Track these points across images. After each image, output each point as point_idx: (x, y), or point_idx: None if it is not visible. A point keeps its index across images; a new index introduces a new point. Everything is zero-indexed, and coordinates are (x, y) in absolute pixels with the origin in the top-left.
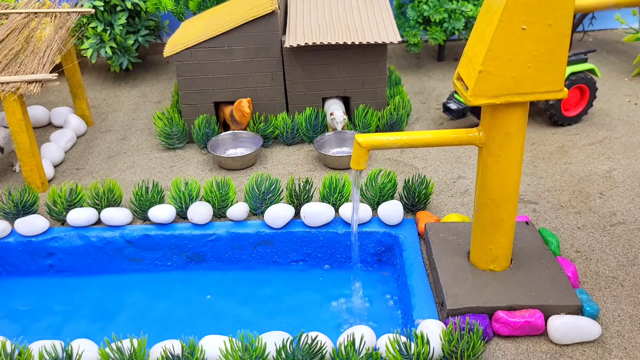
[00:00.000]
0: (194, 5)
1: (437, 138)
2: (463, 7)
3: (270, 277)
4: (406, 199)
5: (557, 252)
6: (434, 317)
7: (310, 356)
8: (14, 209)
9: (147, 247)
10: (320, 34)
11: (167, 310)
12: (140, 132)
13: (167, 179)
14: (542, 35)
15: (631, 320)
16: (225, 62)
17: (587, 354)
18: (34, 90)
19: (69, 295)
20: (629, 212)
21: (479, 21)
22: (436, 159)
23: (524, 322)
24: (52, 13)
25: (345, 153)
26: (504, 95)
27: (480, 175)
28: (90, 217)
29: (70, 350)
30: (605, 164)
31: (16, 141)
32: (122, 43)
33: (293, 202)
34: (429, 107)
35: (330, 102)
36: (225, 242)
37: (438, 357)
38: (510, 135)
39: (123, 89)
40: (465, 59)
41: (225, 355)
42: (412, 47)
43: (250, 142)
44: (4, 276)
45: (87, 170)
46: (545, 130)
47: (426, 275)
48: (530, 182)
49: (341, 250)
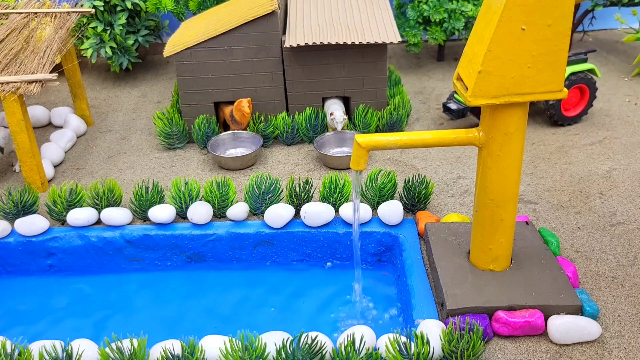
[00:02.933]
0: (194, 5)
1: (436, 138)
2: (463, 7)
3: (270, 277)
4: (406, 199)
5: (557, 252)
6: (434, 317)
7: (310, 356)
8: (14, 209)
9: (147, 247)
10: (320, 34)
11: (167, 310)
12: (140, 132)
13: (167, 179)
14: (541, 35)
15: (631, 320)
16: (225, 62)
17: (587, 354)
18: (34, 90)
19: (68, 295)
20: (629, 212)
21: (479, 21)
22: (436, 159)
23: (524, 322)
24: (52, 13)
25: (345, 153)
26: (503, 95)
27: (480, 175)
28: (90, 217)
29: (70, 350)
30: (605, 164)
31: (16, 141)
32: (122, 43)
33: (293, 202)
34: (429, 107)
35: (330, 102)
36: (225, 242)
37: (438, 357)
38: (510, 136)
39: (123, 89)
40: (465, 59)
41: (225, 355)
42: (412, 47)
43: (250, 142)
44: (4, 276)
45: (87, 170)
46: (545, 130)
47: (426, 275)
48: (530, 182)
49: (341, 250)
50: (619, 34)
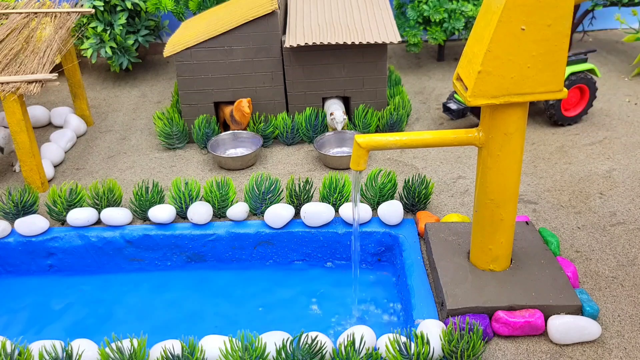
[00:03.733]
0: (194, 5)
1: (436, 138)
2: (463, 7)
3: (270, 277)
4: (406, 199)
5: (557, 252)
6: (434, 317)
7: (310, 356)
8: (14, 209)
9: (147, 247)
10: (320, 34)
11: (167, 310)
12: (140, 132)
13: (167, 179)
14: (541, 35)
15: (631, 320)
16: (225, 62)
17: (587, 354)
18: (34, 90)
19: (69, 295)
20: (629, 212)
21: (478, 21)
22: (436, 159)
23: (524, 322)
24: (52, 13)
25: (345, 153)
26: (503, 95)
27: (480, 175)
28: (90, 217)
29: (70, 350)
30: (605, 164)
31: (16, 141)
32: (122, 43)
33: (293, 202)
34: (429, 107)
35: (330, 102)
36: (225, 242)
37: (438, 357)
38: (509, 136)
39: (123, 89)
40: (464, 59)
41: (225, 355)
42: (412, 47)
43: (250, 142)
44: (3, 276)
45: (87, 170)
46: (545, 130)
47: (426, 275)
48: (530, 182)
49: (341, 250)
50: (619, 34)
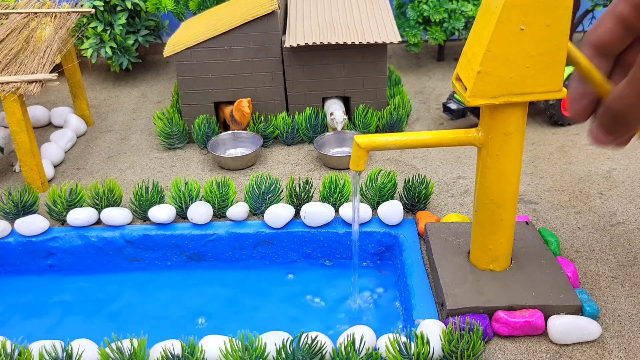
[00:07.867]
0: (194, 5)
1: (436, 139)
2: (463, 7)
3: (270, 277)
4: (406, 199)
5: (557, 252)
6: (434, 317)
7: (310, 356)
8: (14, 209)
9: (147, 247)
10: (320, 34)
11: (167, 310)
12: (140, 132)
13: (167, 179)
14: (540, 35)
15: (631, 320)
16: (225, 62)
17: (587, 354)
18: (34, 90)
19: (69, 295)
20: (629, 212)
21: (477, 22)
22: (436, 159)
23: (524, 322)
24: (52, 13)
25: (345, 153)
26: (502, 95)
27: (479, 175)
28: (90, 217)
29: (70, 350)
30: (605, 164)
31: (16, 141)
32: (122, 43)
33: (293, 202)
34: (429, 107)
35: (330, 102)
36: (225, 242)
37: (438, 357)
38: (509, 136)
39: (123, 89)
40: (463, 59)
41: (225, 355)
42: (412, 47)
43: (250, 142)
44: (3, 276)
45: (87, 170)
46: (545, 130)
47: (426, 275)
48: (530, 182)
49: (341, 250)
50: None
